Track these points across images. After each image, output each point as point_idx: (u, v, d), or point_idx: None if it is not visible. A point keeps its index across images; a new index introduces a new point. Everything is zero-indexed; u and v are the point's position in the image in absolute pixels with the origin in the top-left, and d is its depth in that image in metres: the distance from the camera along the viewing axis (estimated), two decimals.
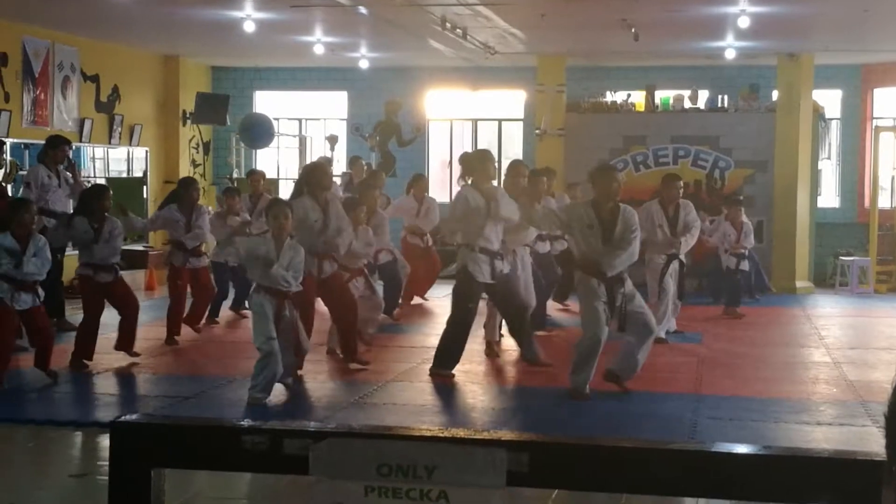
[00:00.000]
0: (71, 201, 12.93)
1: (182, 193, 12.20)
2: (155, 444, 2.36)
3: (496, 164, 10.62)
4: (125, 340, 10.73)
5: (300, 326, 9.22)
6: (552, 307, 13.84)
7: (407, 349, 11.57)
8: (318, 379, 10.12)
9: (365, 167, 16.54)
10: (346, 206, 10.70)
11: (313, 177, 10.22)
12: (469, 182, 10.13)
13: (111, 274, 10.56)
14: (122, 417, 2.43)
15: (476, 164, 10.21)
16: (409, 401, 9.23)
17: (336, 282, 10.24)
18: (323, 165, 11.23)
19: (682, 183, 12.49)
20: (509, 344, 11.81)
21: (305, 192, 10.04)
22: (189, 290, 12.22)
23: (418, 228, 14.76)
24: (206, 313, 12.97)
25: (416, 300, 15.12)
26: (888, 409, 1.36)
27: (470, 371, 10.29)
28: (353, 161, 17.07)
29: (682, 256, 12.00)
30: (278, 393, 9.19)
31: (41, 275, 9.58)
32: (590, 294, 9.06)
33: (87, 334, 10.47)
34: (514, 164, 11.39)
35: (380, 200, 13.29)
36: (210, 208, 13.59)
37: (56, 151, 12.88)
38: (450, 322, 10.18)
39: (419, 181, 15.16)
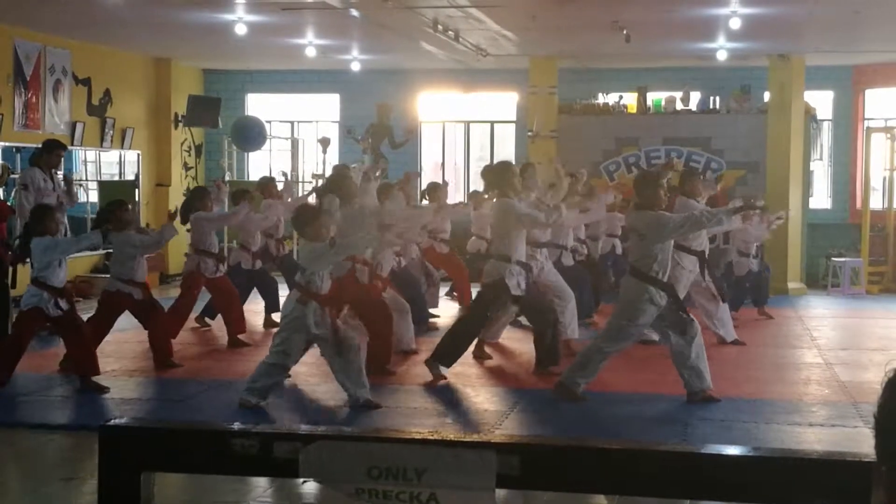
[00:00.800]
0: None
1: (196, 204, 12.09)
2: (144, 447, 2.35)
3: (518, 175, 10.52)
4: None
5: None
6: None
7: (399, 353, 11.54)
8: (310, 382, 10.10)
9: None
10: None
11: (343, 187, 10.24)
12: (487, 195, 10.21)
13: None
14: (111, 421, 2.42)
15: (500, 178, 10.16)
16: (401, 403, 9.22)
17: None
18: (349, 174, 11.26)
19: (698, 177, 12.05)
20: (500, 347, 11.83)
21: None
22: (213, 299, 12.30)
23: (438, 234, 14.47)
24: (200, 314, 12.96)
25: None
26: (878, 410, 1.36)
27: (462, 374, 10.28)
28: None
29: None
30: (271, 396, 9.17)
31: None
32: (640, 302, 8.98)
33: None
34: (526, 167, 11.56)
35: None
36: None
37: (52, 155, 12.83)
38: (462, 323, 10.21)
39: (438, 189, 14.90)
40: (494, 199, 10.30)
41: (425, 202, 14.75)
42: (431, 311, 13.69)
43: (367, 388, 8.84)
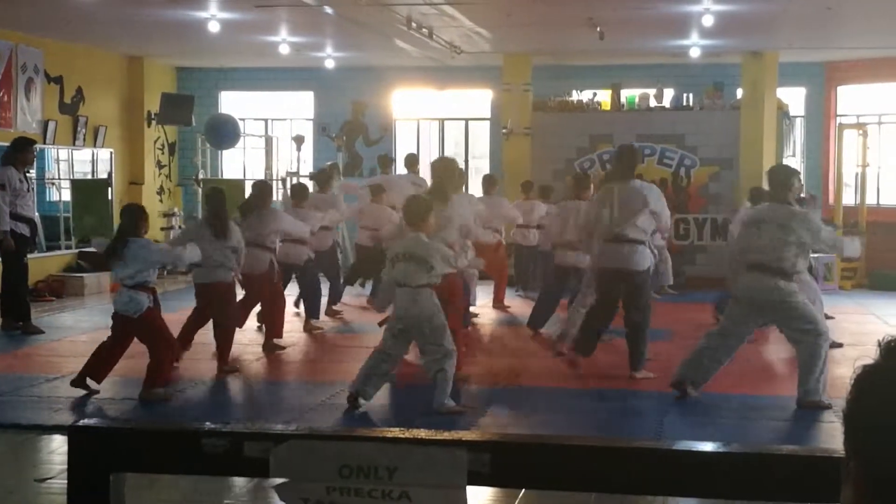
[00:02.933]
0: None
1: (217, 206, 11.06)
2: (113, 448, 2.34)
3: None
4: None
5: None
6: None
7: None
8: (285, 380, 10.09)
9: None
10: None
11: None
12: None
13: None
14: (81, 422, 2.41)
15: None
16: (375, 402, 9.20)
17: None
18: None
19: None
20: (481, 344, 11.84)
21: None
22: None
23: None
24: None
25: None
26: (846, 406, 1.36)
27: None
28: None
29: None
30: (244, 395, 9.16)
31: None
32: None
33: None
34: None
35: None
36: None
37: (26, 154, 12.70)
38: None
39: (491, 180, 15.11)
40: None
41: None
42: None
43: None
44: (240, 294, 11.34)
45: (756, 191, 13.64)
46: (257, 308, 12.01)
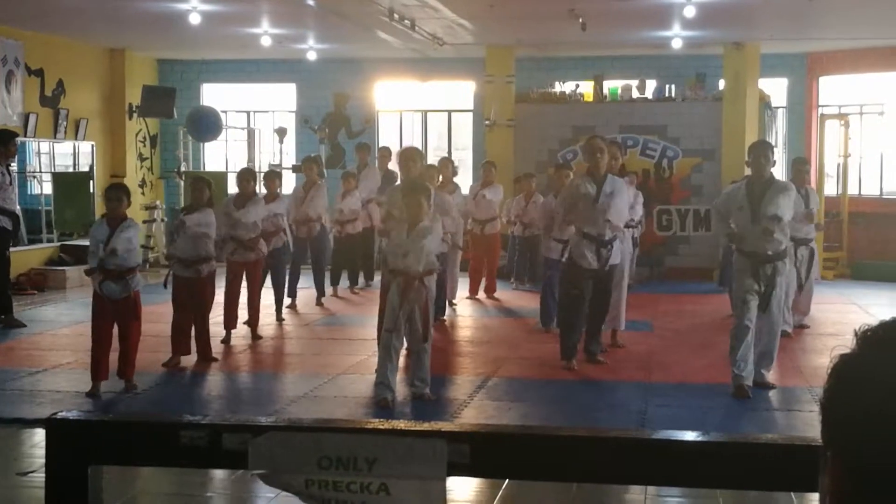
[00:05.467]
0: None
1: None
2: (91, 441, 2.32)
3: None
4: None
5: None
6: None
7: (357, 342, 11.54)
8: (269, 372, 10.07)
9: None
10: None
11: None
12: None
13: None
14: (58, 414, 2.39)
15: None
16: (359, 393, 9.21)
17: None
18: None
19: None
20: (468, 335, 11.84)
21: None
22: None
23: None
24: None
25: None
26: (823, 396, 1.36)
27: None
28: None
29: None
30: (220, 387, 9.14)
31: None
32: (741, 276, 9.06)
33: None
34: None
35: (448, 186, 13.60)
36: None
37: (8, 146, 12.63)
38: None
39: (490, 168, 15.16)
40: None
41: None
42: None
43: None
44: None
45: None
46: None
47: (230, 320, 11.48)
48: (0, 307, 12.52)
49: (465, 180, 16.53)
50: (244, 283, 11.61)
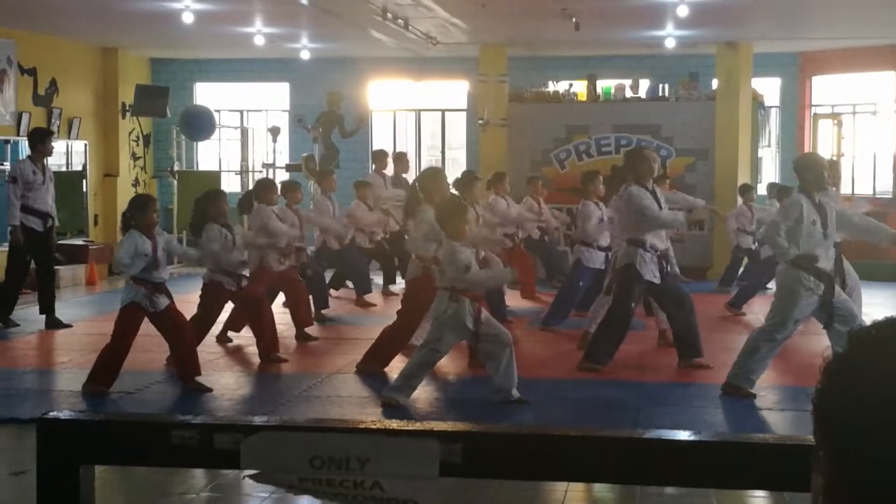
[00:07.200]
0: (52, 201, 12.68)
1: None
2: (82, 441, 2.32)
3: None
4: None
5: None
6: None
7: (352, 341, 11.53)
8: (264, 372, 10.06)
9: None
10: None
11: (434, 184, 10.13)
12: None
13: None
14: (49, 413, 2.39)
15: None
16: (353, 393, 9.21)
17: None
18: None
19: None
20: None
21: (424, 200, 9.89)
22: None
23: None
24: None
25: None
26: (815, 395, 1.36)
27: None
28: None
29: None
30: (215, 387, 9.14)
31: (166, 277, 9.14)
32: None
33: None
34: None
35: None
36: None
37: (45, 145, 12.58)
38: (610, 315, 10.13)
39: (502, 179, 14.64)
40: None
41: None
42: None
43: (515, 385, 8.62)
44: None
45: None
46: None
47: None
48: (8, 307, 12.50)
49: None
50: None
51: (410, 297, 9.93)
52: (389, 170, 16.19)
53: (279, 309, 11.70)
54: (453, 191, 10.99)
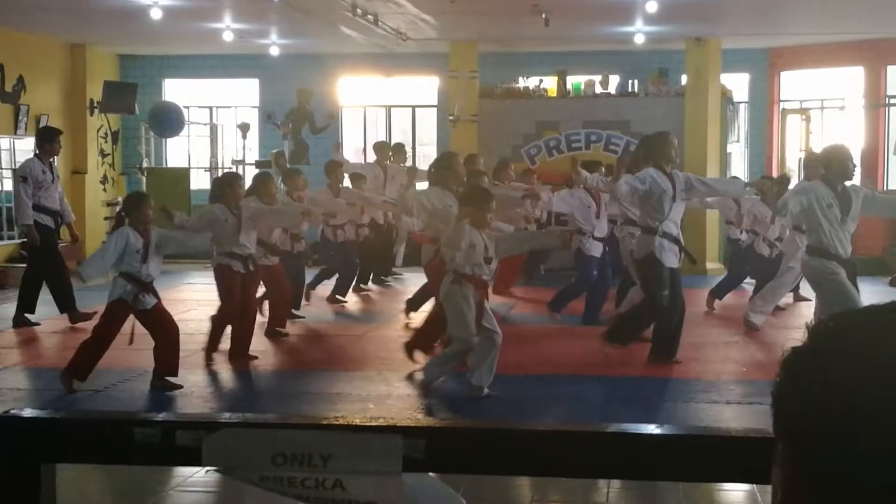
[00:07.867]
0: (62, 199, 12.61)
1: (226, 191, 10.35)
2: (43, 439, 2.29)
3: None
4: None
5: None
6: None
7: (323, 338, 11.50)
8: (235, 370, 10.02)
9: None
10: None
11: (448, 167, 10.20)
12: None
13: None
14: (10, 411, 2.36)
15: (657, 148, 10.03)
16: (323, 389, 9.18)
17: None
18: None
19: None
20: None
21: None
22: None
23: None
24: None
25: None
26: (774, 388, 1.36)
27: (388, 358, 10.28)
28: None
29: None
30: (185, 384, 9.10)
31: (157, 276, 9.07)
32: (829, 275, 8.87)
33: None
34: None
35: None
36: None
37: (54, 144, 12.53)
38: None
39: (506, 168, 14.66)
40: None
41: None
42: None
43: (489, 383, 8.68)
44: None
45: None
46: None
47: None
48: (27, 306, 12.39)
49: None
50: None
51: (434, 283, 9.73)
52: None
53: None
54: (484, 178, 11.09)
